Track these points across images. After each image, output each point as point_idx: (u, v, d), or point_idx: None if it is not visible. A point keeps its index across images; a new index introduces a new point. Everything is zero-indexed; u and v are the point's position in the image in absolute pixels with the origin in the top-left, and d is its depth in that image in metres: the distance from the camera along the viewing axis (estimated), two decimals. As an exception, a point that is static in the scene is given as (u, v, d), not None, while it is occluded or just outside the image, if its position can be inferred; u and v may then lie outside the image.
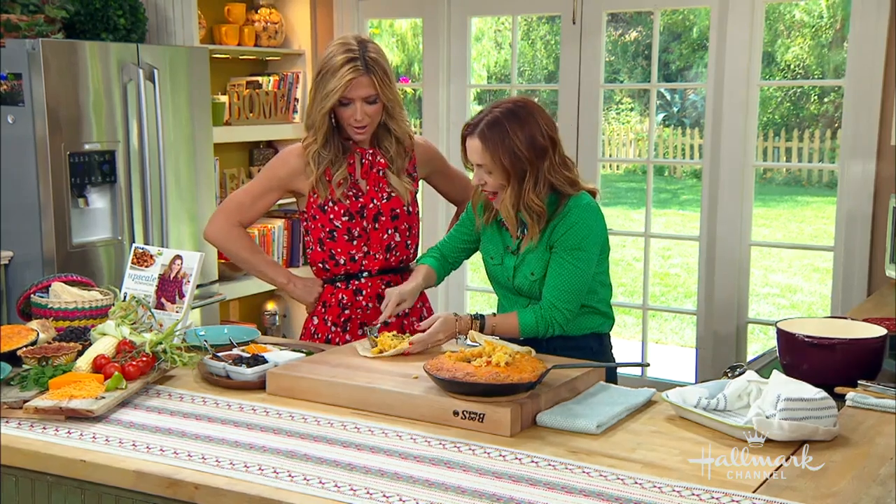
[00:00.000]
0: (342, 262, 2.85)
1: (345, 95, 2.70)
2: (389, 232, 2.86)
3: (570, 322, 2.56)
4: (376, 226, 2.84)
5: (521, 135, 2.46)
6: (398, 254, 2.89)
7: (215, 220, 2.90)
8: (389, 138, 2.85)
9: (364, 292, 2.86)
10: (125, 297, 2.60)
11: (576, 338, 2.62)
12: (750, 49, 4.25)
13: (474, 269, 6.03)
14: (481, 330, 2.54)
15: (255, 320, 5.20)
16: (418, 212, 2.96)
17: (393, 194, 2.85)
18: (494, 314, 2.61)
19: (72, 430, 2.00)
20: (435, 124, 5.03)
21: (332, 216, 2.82)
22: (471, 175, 2.64)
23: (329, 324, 2.88)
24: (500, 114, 2.49)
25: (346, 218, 2.82)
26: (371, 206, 2.84)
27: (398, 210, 2.86)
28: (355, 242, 2.83)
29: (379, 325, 2.65)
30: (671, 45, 16.07)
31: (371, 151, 2.85)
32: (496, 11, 5.93)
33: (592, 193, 2.62)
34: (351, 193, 2.82)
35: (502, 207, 2.53)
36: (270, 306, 5.26)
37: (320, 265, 2.89)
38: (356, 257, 2.84)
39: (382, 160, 2.85)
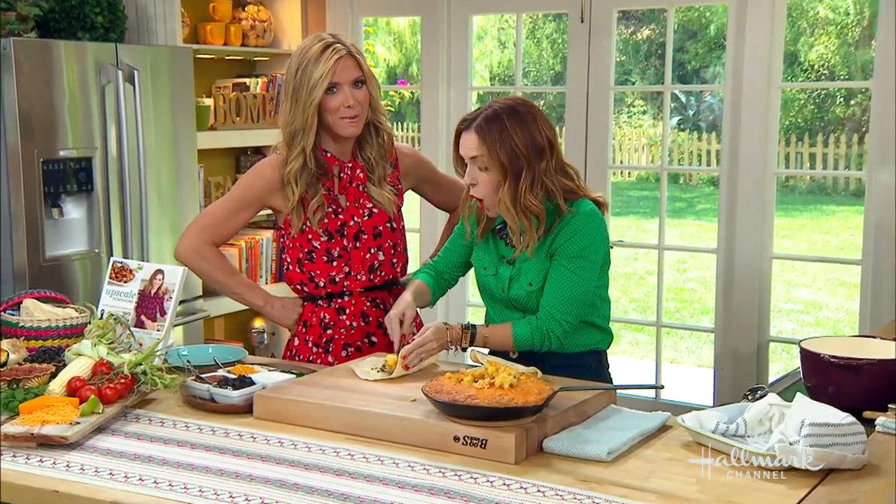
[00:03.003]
0: (322, 284, 2.83)
1: (333, 81, 2.71)
2: (372, 251, 2.84)
3: (567, 335, 2.56)
4: (357, 245, 2.82)
5: (520, 132, 2.50)
6: (383, 273, 2.87)
7: (186, 239, 2.88)
8: (371, 142, 2.84)
9: (348, 310, 2.84)
10: (102, 315, 2.59)
11: (574, 355, 2.62)
12: (771, 48, 4.26)
13: (475, 284, 6.02)
14: (472, 341, 2.55)
15: (242, 339, 5.19)
16: (404, 227, 2.95)
17: (375, 210, 2.84)
18: (487, 325, 2.63)
19: (44, 459, 1.99)
20: (434, 129, 5.03)
21: (310, 236, 2.80)
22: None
23: (310, 344, 2.86)
24: (499, 108, 2.53)
25: (325, 238, 2.80)
26: (351, 223, 2.82)
27: (381, 227, 2.84)
28: (335, 263, 2.81)
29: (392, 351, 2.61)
30: (686, 44, 16.10)
31: (350, 165, 2.83)
32: (499, 9, 5.94)
33: (599, 203, 2.62)
34: (329, 210, 2.81)
35: (501, 206, 2.53)
36: (258, 324, 5.26)
37: (298, 286, 2.89)
38: (337, 279, 2.83)
39: (361, 174, 2.84)
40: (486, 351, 2.56)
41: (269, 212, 2.93)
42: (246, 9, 5.14)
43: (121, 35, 4.42)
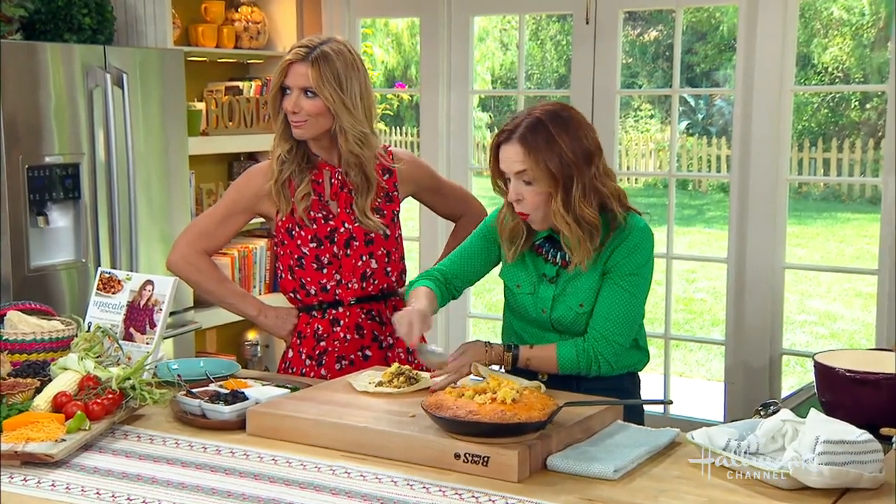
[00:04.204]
0: (313, 291, 2.84)
1: (284, 82, 2.77)
2: (364, 258, 2.84)
3: (618, 358, 2.51)
4: (348, 252, 2.82)
5: (567, 137, 2.43)
6: (376, 282, 2.87)
7: (177, 248, 2.91)
8: (357, 171, 2.81)
9: (342, 322, 2.85)
10: (89, 328, 2.60)
11: (612, 378, 2.56)
12: (783, 50, 4.26)
13: (477, 294, 6.03)
14: (514, 363, 2.51)
15: (235, 352, 5.19)
16: (400, 235, 2.94)
17: None
18: (531, 346, 2.55)
19: (28, 477, 1.99)
20: (434, 133, 5.04)
21: (299, 241, 2.82)
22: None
23: (304, 357, 2.87)
24: (541, 115, 2.46)
25: (314, 244, 2.81)
26: (342, 230, 2.82)
27: (373, 234, 2.84)
28: (325, 270, 2.82)
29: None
30: (695, 46, 16.13)
31: (340, 170, 2.85)
32: (501, 10, 5.96)
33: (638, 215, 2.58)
34: (320, 216, 2.82)
35: (558, 219, 2.44)
36: (251, 336, 5.26)
37: (291, 294, 2.90)
38: (328, 287, 2.83)
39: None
40: (498, 368, 2.52)
41: (263, 220, 2.94)
42: (239, 10, 5.14)
43: (109, 37, 4.42)
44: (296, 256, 2.83)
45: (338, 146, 2.80)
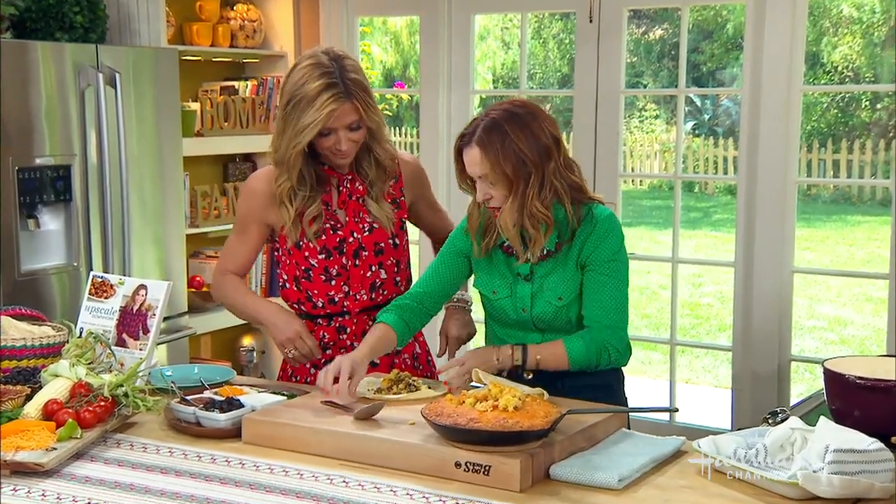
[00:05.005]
0: (320, 304, 2.82)
1: (326, 127, 2.66)
2: (373, 269, 2.82)
3: (625, 345, 2.57)
4: (357, 262, 2.81)
5: (523, 135, 2.48)
6: (385, 292, 2.85)
7: (212, 279, 2.97)
8: (369, 159, 2.81)
9: (348, 330, 2.84)
10: (81, 333, 2.60)
11: (598, 374, 2.59)
12: (791, 48, 4.27)
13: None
14: (523, 363, 2.53)
15: (230, 358, 5.19)
16: (407, 242, 2.93)
17: (375, 225, 2.82)
18: (537, 344, 2.58)
19: (18, 487, 1.99)
20: (434, 134, 5.04)
21: (307, 253, 2.80)
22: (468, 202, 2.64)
23: (308, 364, 2.86)
24: (496, 116, 2.51)
25: (323, 256, 2.79)
26: (351, 239, 2.81)
27: (382, 244, 2.83)
28: (333, 283, 2.80)
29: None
30: (701, 45, 16.14)
31: (349, 177, 2.82)
32: (503, 8, 5.96)
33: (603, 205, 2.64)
34: (328, 226, 2.80)
35: (501, 223, 2.52)
36: (247, 342, 5.25)
37: (295, 304, 2.88)
38: (336, 298, 2.81)
39: (361, 187, 2.83)
40: (500, 376, 2.53)
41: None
42: (234, 8, 5.15)
43: (101, 35, 4.42)
44: (303, 268, 2.81)
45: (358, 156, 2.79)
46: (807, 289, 9.75)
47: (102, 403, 2.27)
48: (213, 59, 5.23)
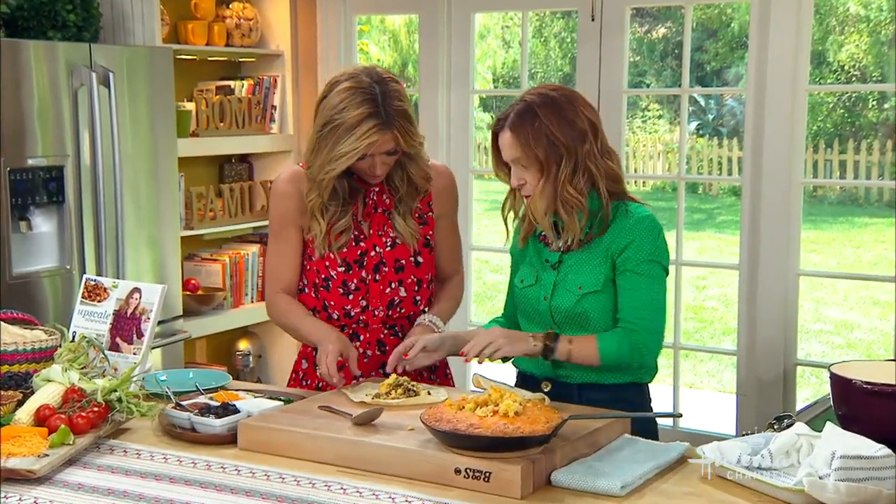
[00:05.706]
0: (335, 316, 2.78)
1: (367, 154, 2.61)
2: (393, 286, 2.77)
3: (659, 347, 2.57)
4: (377, 277, 2.76)
5: (555, 119, 2.49)
6: (403, 310, 2.80)
7: (265, 300, 2.89)
8: (402, 175, 2.75)
9: (363, 337, 2.80)
10: (74, 337, 2.59)
11: (612, 387, 2.59)
12: (797, 47, 4.27)
13: (478, 302, 6.02)
14: (552, 352, 2.52)
15: (226, 362, 5.19)
16: (434, 260, 2.85)
17: (398, 241, 2.77)
18: (570, 337, 2.55)
19: (9, 494, 1.99)
20: (434, 134, 5.03)
21: (327, 263, 2.76)
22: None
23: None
24: (530, 100, 2.53)
25: (343, 269, 2.75)
26: (373, 253, 2.76)
27: (403, 261, 2.78)
28: (351, 297, 2.76)
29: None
30: (705, 44, 16.15)
31: (377, 189, 2.77)
32: (503, 6, 5.97)
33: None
34: (350, 237, 2.76)
35: (532, 208, 2.54)
36: (243, 346, 5.25)
37: (312, 312, 2.82)
38: (352, 313, 2.78)
39: (388, 199, 2.78)
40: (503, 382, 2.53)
41: (256, 225, 2.92)
42: (230, 6, 5.15)
43: (95, 34, 4.42)
44: (322, 277, 2.77)
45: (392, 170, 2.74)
46: (813, 292, 9.75)
47: (95, 409, 2.27)
48: (209, 59, 5.23)
